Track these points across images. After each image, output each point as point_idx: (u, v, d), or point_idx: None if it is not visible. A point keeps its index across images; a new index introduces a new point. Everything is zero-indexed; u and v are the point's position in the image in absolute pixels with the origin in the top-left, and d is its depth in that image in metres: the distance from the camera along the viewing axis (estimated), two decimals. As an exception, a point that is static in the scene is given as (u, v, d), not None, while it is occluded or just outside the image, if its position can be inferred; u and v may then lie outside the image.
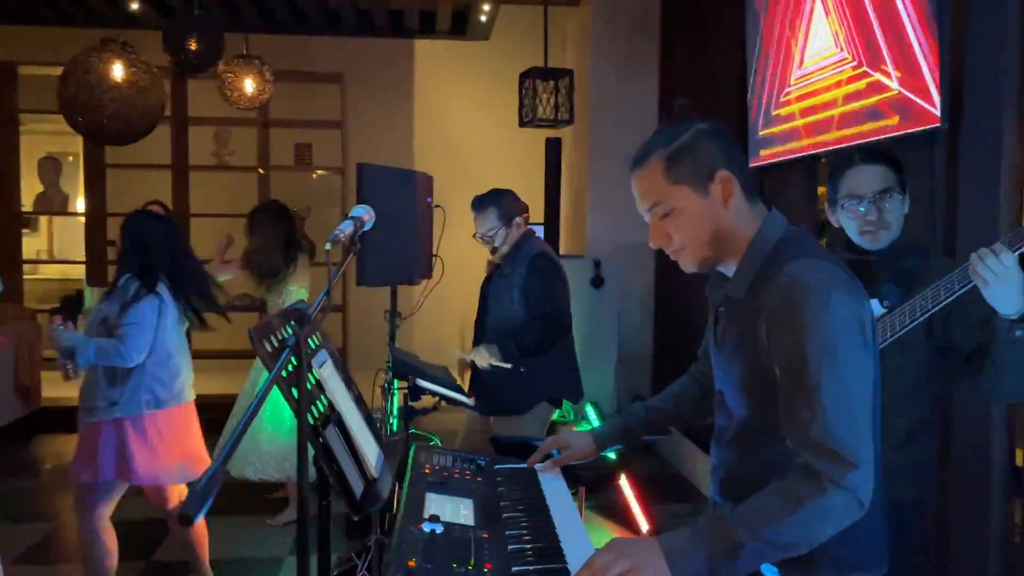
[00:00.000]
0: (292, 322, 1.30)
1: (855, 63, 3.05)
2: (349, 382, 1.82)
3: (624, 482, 4.38)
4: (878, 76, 2.92)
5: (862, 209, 1.96)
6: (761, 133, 3.87)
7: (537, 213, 5.41)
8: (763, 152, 3.87)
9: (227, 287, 4.13)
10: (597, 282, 5.14)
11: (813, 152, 3.42)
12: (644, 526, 4.11)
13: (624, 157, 5.80)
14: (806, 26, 3.41)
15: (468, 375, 3.53)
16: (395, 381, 3.64)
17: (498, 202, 3.37)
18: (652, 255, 6.03)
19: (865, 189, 1.97)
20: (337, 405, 1.57)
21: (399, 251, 4.20)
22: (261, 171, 7.46)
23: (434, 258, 4.31)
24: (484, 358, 3.25)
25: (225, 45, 5.26)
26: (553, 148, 4.70)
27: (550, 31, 6.23)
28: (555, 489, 1.74)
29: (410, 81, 8.58)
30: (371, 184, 4.07)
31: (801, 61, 3.48)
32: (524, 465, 1.89)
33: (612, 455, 4.46)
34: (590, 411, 5.17)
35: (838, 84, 3.17)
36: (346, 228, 1.61)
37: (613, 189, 5.97)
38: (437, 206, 4.34)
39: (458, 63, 8.63)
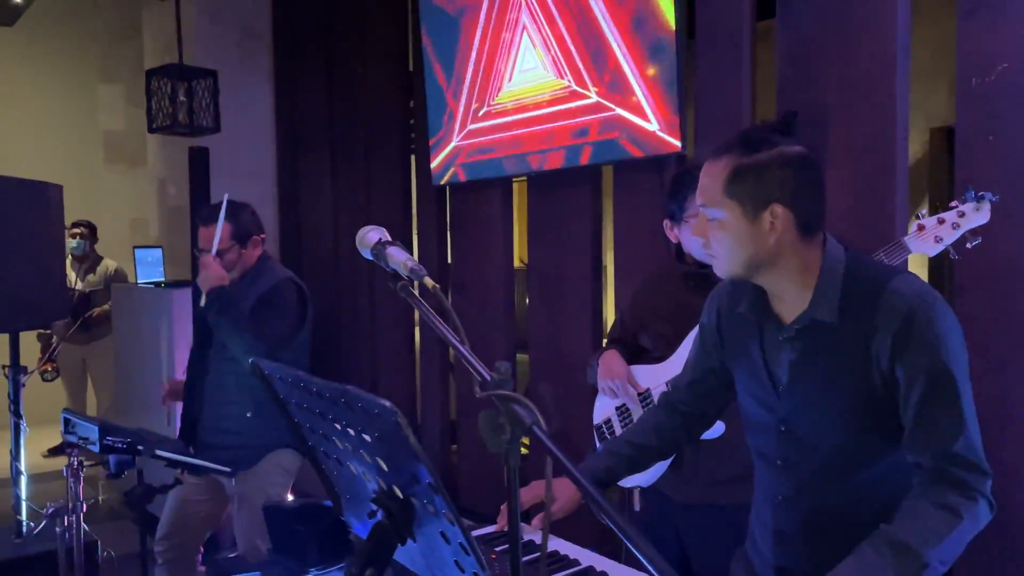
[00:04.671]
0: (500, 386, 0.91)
1: (581, 86, 3.22)
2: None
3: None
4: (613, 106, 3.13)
5: None
6: (441, 160, 3.84)
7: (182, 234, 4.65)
8: (456, 170, 3.85)
9: None
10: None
11: (516, 174, 3.54)
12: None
13: (233, 172, 5.32)
14: (515, 50, 3.49)
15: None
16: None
17: (232, 215, 2.81)
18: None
19: None
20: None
21: (25, 286, 3.23)
22: None
23: (72, 294, 3.41)
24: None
25: None
26: (199, 160, 4.06)
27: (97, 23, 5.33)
28: (573, 550, 1.50)
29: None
30: (-16, 199, 3.08)
31: (500, 86, 3.55)
32: (493, 528, 1.60)
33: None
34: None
35: (571, 113, 3.31)
36: (406, 258, 1.17)
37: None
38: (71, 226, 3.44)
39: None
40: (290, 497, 3.03)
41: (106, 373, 5.61)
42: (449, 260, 4.18)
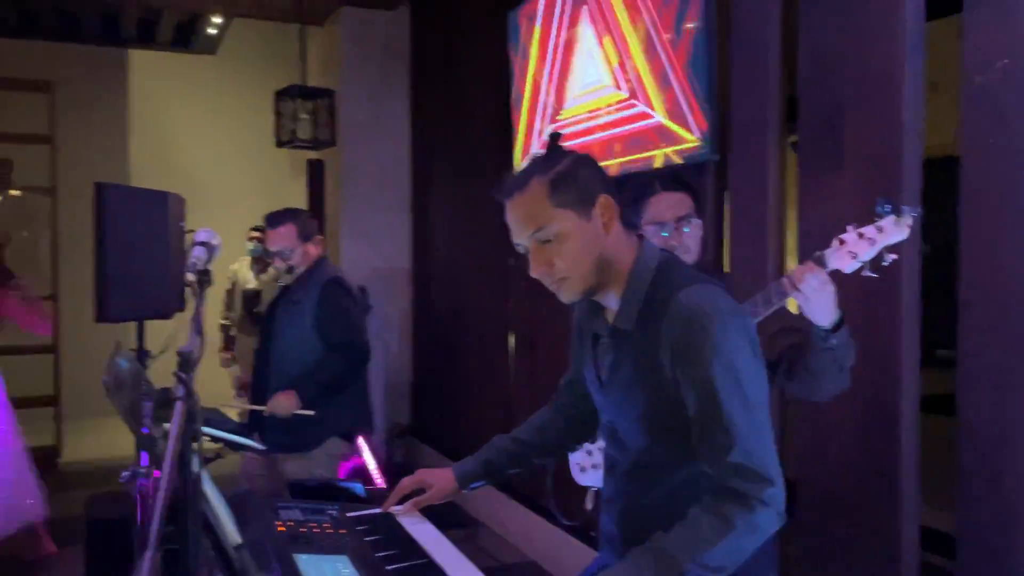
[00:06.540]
0: (180, 370, 1.08)
1: (628, 98, 3.25)
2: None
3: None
4: (646, 109, 3.13)
5: (665, 235, 2.04)
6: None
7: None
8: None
9: None
10: (365, 309, 4.99)
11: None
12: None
13: (375, 182, 5.76)
14: (574, 60, 3.58)
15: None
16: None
17: (297, 218, 3.16)
18: (409, 281, 5.99)
19: (667, 216, 2.06)
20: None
21: (148, 282, 3.76)
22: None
23: (187, 288, 3.94)
24: (285, 409, 3.01)
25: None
26: (316, 170, 4.50)
27: (294, 50, 6.00)
28: (424, 533, 1.62)
29: (125, 93, 7.87)
30: (114, 207, 3.62)
31: (564, 96, 3.64)
32: (379, 510, 1.74)
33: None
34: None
35: (608, 122, 3.36)
36: (201, 256, 1.39)
37: (366, 214, 5.86)
38: (191, 231, 3.96)
39: (188, 77, 8.05)
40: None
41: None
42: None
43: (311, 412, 3.03)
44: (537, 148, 3.89)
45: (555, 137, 1.45)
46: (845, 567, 2.43)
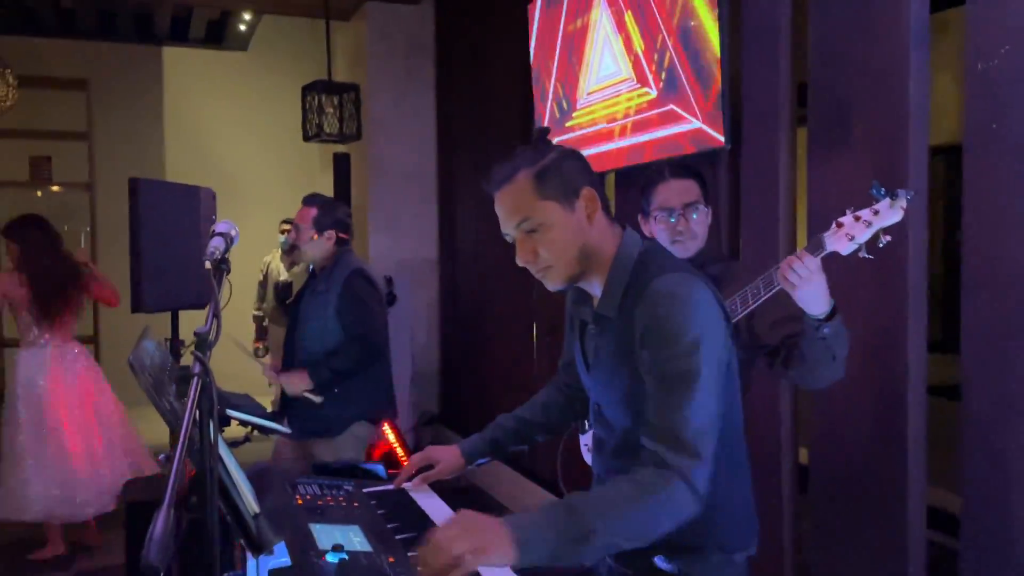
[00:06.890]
0: (196, 348, 1.18)
1: (644, 89, 3.30)
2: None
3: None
4: (669, 104, 3.18)
5: (672, 220, 2.11)
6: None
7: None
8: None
9: None
10: (390, 300, 5.11)
11: (600, 172, 3.65)
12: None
13: (401, 174, 5.85)
14: (594, 50, 3.63)
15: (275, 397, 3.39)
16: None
17: (323, 206, 3.27)
18: (436, 272, 6.09)
19: (674, 202, 2.12)
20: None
21: (181, 273, 3.90)
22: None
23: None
24: (295, 387, 3.12)
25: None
26: (342, 163, 4.62)
27: (321, 45, 6.11)
28: (433, 506, 1.71)
29: (159, 90, 8.05)
30: (148, 201, 3.75)
31: (577, 94, 3.70)
32: (392, 486, 1.84)
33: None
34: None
35: (627, 111, 3.41)
36: (218, 245, 1.48)
37: (393, 206, 5.97)
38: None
39: (219, 73, 8.21)
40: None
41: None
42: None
43: (318, 399, 3.13)
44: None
45: (543, 132, 1.52)
46: (855, 545, 2.48)
